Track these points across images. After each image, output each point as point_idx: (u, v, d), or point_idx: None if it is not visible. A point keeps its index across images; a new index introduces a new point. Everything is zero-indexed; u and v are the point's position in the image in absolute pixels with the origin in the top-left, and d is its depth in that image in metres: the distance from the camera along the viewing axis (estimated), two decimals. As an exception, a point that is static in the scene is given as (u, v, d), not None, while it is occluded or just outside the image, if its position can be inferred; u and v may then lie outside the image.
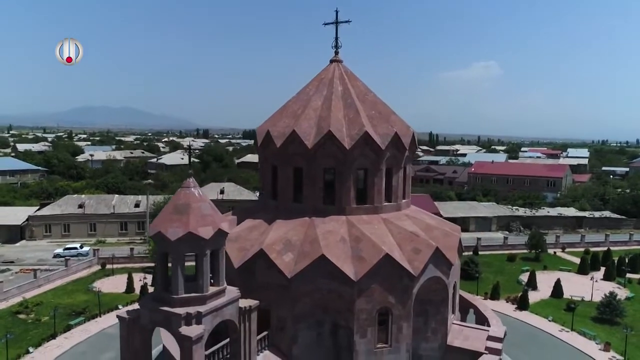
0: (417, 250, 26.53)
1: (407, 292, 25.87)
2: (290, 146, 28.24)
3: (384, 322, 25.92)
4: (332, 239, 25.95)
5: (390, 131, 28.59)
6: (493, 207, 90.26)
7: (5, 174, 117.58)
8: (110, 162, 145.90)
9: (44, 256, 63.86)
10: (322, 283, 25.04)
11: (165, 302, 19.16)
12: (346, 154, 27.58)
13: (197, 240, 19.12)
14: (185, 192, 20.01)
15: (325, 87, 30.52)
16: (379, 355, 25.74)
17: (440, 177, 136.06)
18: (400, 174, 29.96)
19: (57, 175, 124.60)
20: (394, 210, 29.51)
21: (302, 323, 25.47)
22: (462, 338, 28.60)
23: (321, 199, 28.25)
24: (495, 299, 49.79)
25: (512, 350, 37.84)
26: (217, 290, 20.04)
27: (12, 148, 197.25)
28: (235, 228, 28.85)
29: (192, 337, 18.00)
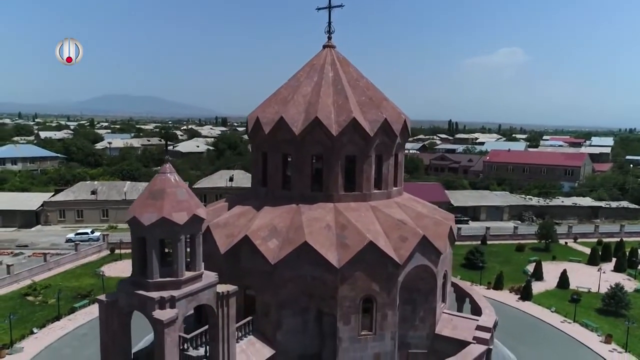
0: (403, 238, 26.26)
1: (392, 280, 25.69)
2: (278, 133, 28.13)
3: (368, 310, 25.85)
4: (317, 225, 25.86)
5: (380, 117, 28.19)
6: (505, 197, 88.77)
7: (26, 161, 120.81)
8: (128, 149, 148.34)
9: (57, 241, 65.67)
10: (306, 270, 25.05)
11: (141, 286, 19.42)
12: (334, 141, 27.33)
13: (171, 226, 19.26)
14: (161, 178, 20.13)
15: (317, 73, 30.20)
16: (363, 343, 25.72)
17: (455, 166, 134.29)
18: (391, 161, 29.57)
19: (75, 163, 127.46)
20: (384, 197, 29.20)
21: (286, 309, 25.59)
22: (451, 327, 28.35)
23: (309, 186, 28.13)
24: (499, 288, 49.26)
25: (510, 341, 37.52)
26: (193, 275, 20.21)
27: (35, 136, 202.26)
28: (224, 214, 29.08)
29: (164, 320, 18.23)
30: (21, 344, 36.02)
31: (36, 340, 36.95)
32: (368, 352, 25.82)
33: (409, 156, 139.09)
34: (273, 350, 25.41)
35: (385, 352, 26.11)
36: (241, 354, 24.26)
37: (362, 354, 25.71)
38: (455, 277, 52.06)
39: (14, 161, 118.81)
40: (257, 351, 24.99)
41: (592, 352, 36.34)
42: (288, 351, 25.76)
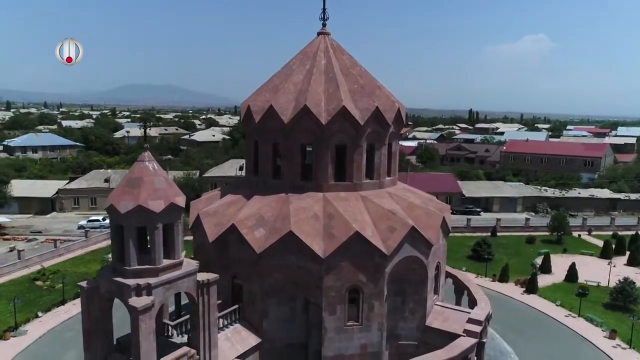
0: (392, 229, 25.87)
1: (379, 271, 25.38)
2: (268, 121, 27.91)
3: (355, 300, 25.64)
4: (304, 215, 25.67)
5: (371, 106, 27.68)
6: (520, 188, 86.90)
7: (46, 149, 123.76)
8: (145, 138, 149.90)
9: (70, 227, 67.17)
10: (291, 259, 24.94)
11: (119, 273, 19.62)
12: (323, 130, 26.98)
13: (148, 214, 19.33)
14: (140, 166, 20.21)
15: (309, 60, 29.78)
16: (350, 333, 25.57)
17: (471, 156, 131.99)
18: (384, 150, 29.05)
19: (93, 151, 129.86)
20: (376, 187, 28.77)
21: (272, 298, 25.58)
22: (441, 319, 27.95)
23: (299, 175, 27.91)
24: (504, 281, 48.38)
25: (510, 334, 36.92)
26: (171, 263, 20.30)
27: (57, 125, 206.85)
28: (214, 203, 29.14)
29: (138, 307, 18.38)
30: (25, 327, 37.06)
31: (40, 323, 37.94)
32: (354, 342, 25.67)
33: (424, 146, 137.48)
34: (259, 339, 25.50)
35: (372, 343, 25.92)
36: (226, 342, 24.44)
37: (348, 345, 25.58)
38: (461, 268, 51.64)
39: (35, 149, 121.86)
40: (242, 339, 25.11)
41: (594, 347, 35.39)
42: (275, 340, 25.82)
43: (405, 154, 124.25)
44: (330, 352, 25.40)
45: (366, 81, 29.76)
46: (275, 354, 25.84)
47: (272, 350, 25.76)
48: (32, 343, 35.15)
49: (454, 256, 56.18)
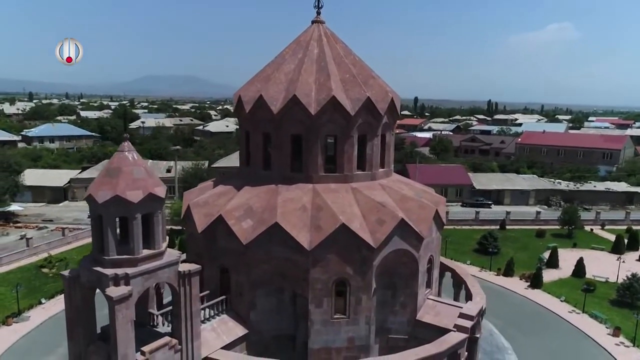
0: (381, 221, 25.43)
1: (367, 264, 25.01)
2: (259, 111, 27.63)
3: (342, 293, 25.37)
4: (291, 207, 25.40)
5: (362, 96, 27.13)
6: (532, 180, 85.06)
7: (63, 139, 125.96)
8: (159, 129, 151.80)
9: (80, 216, 68.24)
10: (277, 251, 24.75)
11: (99, 262, 19.70)
12: (313, 120, 26.58)
13: (126, 204, 19.30)
14: (119, 156, 20.17)
15: (302, 49, 29.33)
16: (337, 326, 25.33)
17: (486, 148, 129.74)
18: (376, 141, 28.51)
19: (109, 141, 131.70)
20: (368, 179, 28.30)
21: (260, 289, 25.47)
22: (433, 314, 27.49)
23: (289, 166, 27.60)
24: (509, 275, 47.51)
25: (509, 329, 36.31)
26: (151, 254, 20.28)
27: (76, 115, 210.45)
28: (205, 194, 29.10)
29: (114, 297, 18.42)
30: (28, 313, 37.87)
31: (43, 310, 38.73)
32: (341, 335, 25.43)
33: (437, 137, 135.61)
34: (246, 330, 25.44)
35: (359, 337, 25.65)
36: (211, 332, 24.47)
37: (335, 337, 25.35)
38: (465, 262, 50.93)
39: (52, 139, 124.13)
40: (228, 330, 25.09)
41: (596, 344, 34.49)
42: (262, 331, 25.75)
43: (418, 145, 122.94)
44: (317, 344, 25.23)
45: (359, 70, 29.19)
46: (262, 345, 25.75)
47: (259, 341, 25.70)
48: (34, 329, 35.93)
49: (459, 249, 55.55)
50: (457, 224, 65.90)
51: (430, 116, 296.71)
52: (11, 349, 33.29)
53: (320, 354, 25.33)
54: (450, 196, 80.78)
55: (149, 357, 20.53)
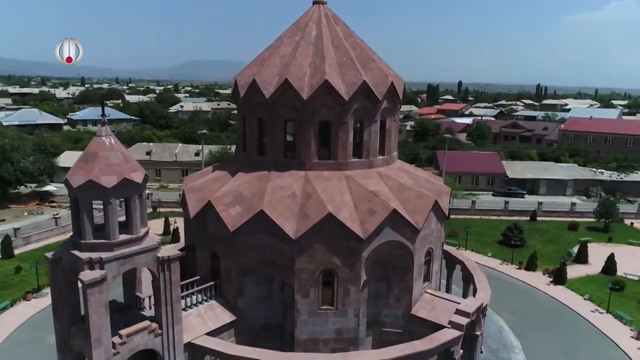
0: (372, 212, 24.43)
1: (355, 255, 24.14)
2: (253, 96, 27.04)
3: (330, 284, 24.69)
4: (280, 194, 24.82)
5: (358, 80, 25.94)
6: (572, 170, 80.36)
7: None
8: (197, 113, 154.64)
9: (111, 197, 70.75)
10: (264, 239, 24.31)
11: (77, 246, 19.95)
12: (305, 105, 25.70)
13: (100, 189, 19.34)
14: (96, 141, 20.19)
15: (300, 31, 28.37)
16: (324, 317, 24.74)
17: (527, 134, 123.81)
18: (374, 127, 27.29)
19: (147, 125, 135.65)
20: (364, 167, 27.22)
21: (248, 277, 25.19)
22: (429, 309, 26.36)
23: (282, 152, 26.96)
24: (531, 269, 45.19)
25: (522, 327, 34.62)
26: (128, 239, 20.32)
27: (122, 99, 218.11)
28: (200, 179, 29.03)
29: (85, 281, 18.58)
30: (47, 289, 39.51)
31: (61, 287, 40.29)
32: (329, 327, 24.84)
33: (475, 123, 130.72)
34: (234, 317, 25.30)
35: (348, 329, 24.96)
36: (197, 318, 24.50)
37: (322, 329, 24.80)
38: (486, 254, 48.95)
39: (94, 122, 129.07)
40: (215, 316, 25.03)
41: (616, 347, 32.17)
42: (252, 319, 25.54)
43: (455, 131, 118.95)
44: (304, 335, 24.77)
45: (359, 53, 27.94)
46: (252, 333, 25.58)
47: (249, 329, 25.51)
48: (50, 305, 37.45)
49: (482, 240, 53.46)
50: (484, 213, 63.39)
51: (474, 101, 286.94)
52: (26, 322, 34.95)
53: (307, 345, 24.88)
54: (481, 184, 77.96)
55: (127, 340, 20.74)
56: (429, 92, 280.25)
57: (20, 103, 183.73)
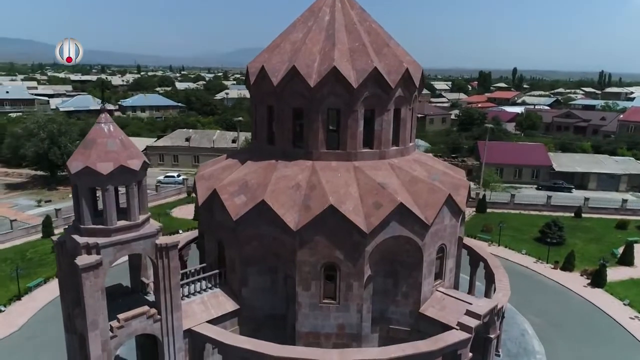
0: (377, 205, 23.43)
1: (359, 250, 23.29)
2: (262, 83, 26.54)
3: (333, 278, 24.02)
4: (284, 184, 24.30)
5: (369, 66, 24.79)
6: (627, 163, 74.60)
7: (152, 109, 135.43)
8: (240, 100, 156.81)
9: (150, 182, 72.95)
10: (266, 229, 23.94)
11: (77, 230, 20.40)
12: (312, 93, 24.89)
13: (97, 175, 19.56)
14: (96, 128, 20.40)
15: (313, 16, 27.47)
16: (325, 311, 24.15)
17: (582, 125, 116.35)
18: (387, 117, 26.07)
19: (193, 111, 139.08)
20: (375, 158, 26.12)
21: (251, 267, 24.97)
22: (438, 307, 25.14)
23: (291, 141, 26.35)
24: (568, 270, 42.39)
25: (550, 331, 32.71)
26: (126, 225, 20.53)
27: (172, 87, 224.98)
28: (211, 167, 29.05)
29: (80, 265, 18.95)
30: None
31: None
32: (331, 321, 24.23)
33: (524, 113, 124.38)
34: (237, 306, 25.22)
35: (350, 324, 24.25)
36: (200, 305, 24.61)
37: (324, 323, 24.24)
38: (520, 251, 46.48)
39: (143, 109, 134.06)
40: (219, 304, 25.05)
41: (653, 360, 29.55)
42: (255, 309, 25.38)
43: (501, 120, 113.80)
44: (305, 328, 24.33)
45: (374, 38, 26.70)
46: (255, 323, 25.46)
47: (252, 318, 25.39)
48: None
49: (518, 236, 50.85)
50: (523, 208, 60.17)
51: (529, 89, 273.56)
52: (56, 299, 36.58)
53: (309, 338, 24.43)
54: (525, 177, 74.14)
55: (125, 324, 21.11)
56: (480, 79, 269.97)
57: (79, 90, 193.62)
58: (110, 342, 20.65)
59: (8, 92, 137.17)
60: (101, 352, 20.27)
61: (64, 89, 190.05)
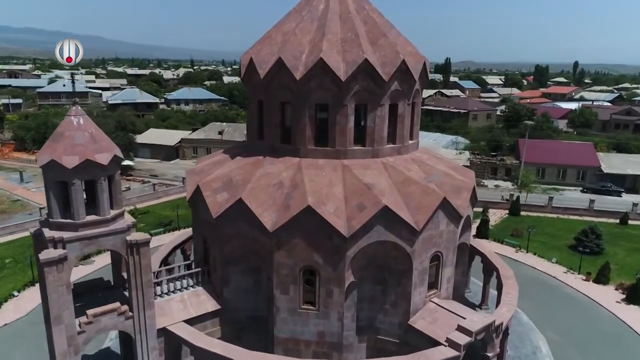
0: (361, 207, 21.79)
1: (339, 254, 21.78)
2: (252, 76, 25.46)
3: (313, 283, 22.66)
4: (265, 182, 23.15)
5: (359, 57, 23.06)
6: (688, 166, 67.42)
7: (196, 102, 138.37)
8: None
9: (181, 174, 74.38)
10: (245, 229, 22.93)
11: (47, 224, 20.28)
12: (299, 86, 23.53)
13: (62, 169, 19.25)
14: (65, 121, 20.12)
15: (308, 5, 26.02)
16: (305, 317, 22.86)
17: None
18: (381, 112, 24.25)
19: (235, 105, 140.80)
20: (367, 156, 24.40)
21: (233, 266, 24.09)
22: (429, 320, 23.18)
23: (278, 137, 25.13)
24: (601, 282, 38.53)
25: (567, 351, 30.01)
26: (94, 220, 20.19)
27: (220, 81, 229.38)
28: (206, 161, 28.42)
29: (42, 259, 18.76)
30: (95, 257, 42.44)
31: (107, 256, 42.92)
32: (310, 328, 22.95)
33: (578, 109, 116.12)
34: (219, 306, 24.45)
35: (331, 332, 22.85)
36: (179, 303, 24.05)
37: (303, 329, 22.99)
38: (550, 259, 43.05)
39: (187, 102, 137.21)
40: (199, 303, 24.37)
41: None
42: (237, 310, 24.55)
43: (552, 117, 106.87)
44: (284, 333, 23.18)
45: (371, 28, 24.92)
46: (237, 325, 24.65)
47: (234, 320, 24.58)
48: (94, 271, 40.15)
49: (551, 243, 47.11)
50: (562, 212, 55.74)
51: (591, 84, 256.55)
52: (68, 288, 37.64)
53: (288, 344, 23.29)
54: (569, 179, 68.98)
55: (94, 320, 20.86)
56: (536, 73, 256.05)
57: (134, 83, 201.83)
58: (77, 338, 20.45)
59: (64, 86, 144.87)
60: (67, 347, 20.10)
61: (119, 82, 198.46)
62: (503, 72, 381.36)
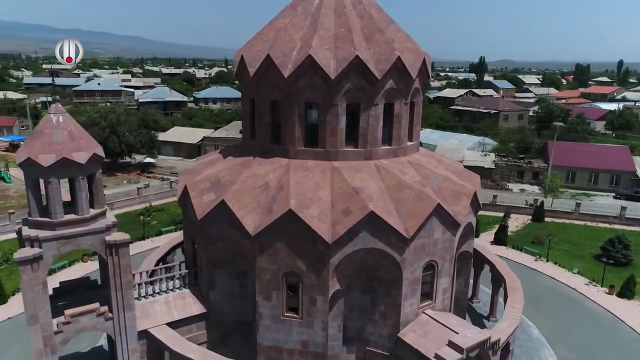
0: (347, 212, 20.68)
1: (322, 261, 20.73)
2: (243, 74, 24.73)
3: (296, 290, 21.69)
4: (250, 183, 22.35)
5: (350, 54, 21.91)
6: None
7: (223, 101, 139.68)
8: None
9: (202, 172, 74.97)
10: (227, 231, 22.20)
11: (27, 222, 20.16)
12: (288, 84, 22.61)
13: (38, 167, 19.04)
14: (45, 119, 19.92)
15: (303, 0, 25.03)
16: (288, 325, 21.93)
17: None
18: (374, 112, 23.00)
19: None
20: (360, 158, 23.23)
21: (219, 269, 23.45)
22: (420, 333, 21.82)
23: (269, 137, 24.29)
24: (626, 297, 35.83)
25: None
26: (72, 219, 19.92)
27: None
28: (199, 162, 27.92)
29: (17, 258, 18.61)
30: (104, 254, 42.81)
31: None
32: (294, 337, 22.02)
33: (618, 110, 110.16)
34: (204, 309, 23.88)
35: (315, 342, 21.84)
36: (163, 306, 23.60)
37: (286, 337, 22.08)
38: (572, 270, 40.64)
39: (214, 101, 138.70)
40: (184, 306, 23.86)
41: None
42: (223, 314, 23.92)
43: (588, 119, 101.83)
44: (267, 341, 22.33)
45: (367, 23, 23.70)
46: (224, 329, 24.01)
47: (221, 323, 23.96)
48: (102, 269, 40.49)
49: (575, 252, 44.45)
50: (590, 219, 52.55)
51: (636, 84, 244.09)
52: (74, 283, 38.09)
53: (271, 352, 22.45)
54: (601, 184, 65.24)
55: (72, 320, 20.62)
56: (577, 73, 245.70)
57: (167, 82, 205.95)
58: (54, 337, 20.25)
59: (99, 85, 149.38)
60: (42, 347, 19.91)
61: (153, 81, 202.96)
62: (542, 72, 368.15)
